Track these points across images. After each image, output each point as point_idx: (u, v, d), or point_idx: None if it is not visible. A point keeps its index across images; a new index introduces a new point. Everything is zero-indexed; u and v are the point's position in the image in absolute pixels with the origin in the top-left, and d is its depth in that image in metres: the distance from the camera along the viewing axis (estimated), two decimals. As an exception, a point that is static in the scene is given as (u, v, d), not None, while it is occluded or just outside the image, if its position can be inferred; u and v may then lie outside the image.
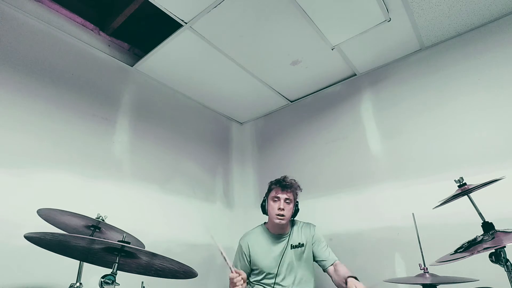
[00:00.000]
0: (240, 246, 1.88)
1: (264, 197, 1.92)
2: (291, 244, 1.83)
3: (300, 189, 1.89)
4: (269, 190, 1.89)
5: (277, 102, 2.91)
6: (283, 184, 1.82)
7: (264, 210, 1.89)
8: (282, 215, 1.77)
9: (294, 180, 1.88)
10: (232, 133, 3.18)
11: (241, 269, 1.79)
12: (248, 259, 1.83)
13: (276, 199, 1.81)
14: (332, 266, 1.79)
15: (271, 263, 1.78)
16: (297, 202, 1.89)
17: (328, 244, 1.90)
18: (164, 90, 2.58)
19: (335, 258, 1.81)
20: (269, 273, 1.78)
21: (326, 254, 1.83)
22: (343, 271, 1.69)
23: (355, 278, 1.57)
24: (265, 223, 1.97)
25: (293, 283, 1.76)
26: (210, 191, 2.70)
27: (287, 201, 1.80)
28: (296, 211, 1.88)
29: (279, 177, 1.88)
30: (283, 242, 1.83)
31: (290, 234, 1.86)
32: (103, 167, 1.99)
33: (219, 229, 2.64)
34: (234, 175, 3.01)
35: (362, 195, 2.24)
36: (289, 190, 1.81)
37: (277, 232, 1.86)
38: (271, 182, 1.90)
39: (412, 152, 2.10)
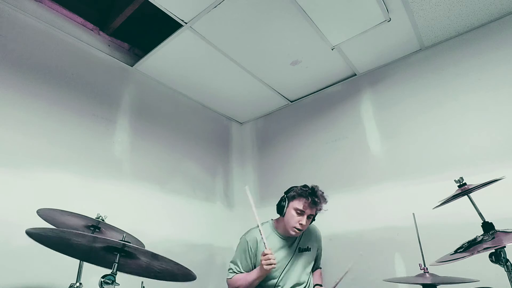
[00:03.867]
0: (245, 243, 1.74)
1: (284, 197, 1.77)
2: (300, 247, 1.80)
3: (326, 202, 1.74)
4: (295, 197, 1.70)
5: (277, 102, 2.91)
6: (315, 201, 1.65)
7: (281, 212, 1.76)
8: (300, 230, 1.68)
9: (323, 193, 1.73)
10: (232, 133, 3.18)
11: (243, 268, 1.71)
12: (254, 258, 1.72)
13: (300, 212, 1.67)
14: (315, 271, 1.91)
15: (280, 264, 1.71)
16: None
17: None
18: (164, 90, 2.58)
19: (320, 265, 1.96)
20: (274, 275, 1.70)
21: (319, 259, 1.94)
22: (316, 278, 1.89)
23: (321, 286, 1.79)
24: (273, 219, 1.89)
25: (297, 285, 1.74)
26: (210, 191, 2.70)
27: (310, 216, 1.69)
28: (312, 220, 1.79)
29: (310, 188, 1.72)
30: (292, 244, 1.79)
31: (299, 237, 1.81)
32: (103, 167, 1.99)
33: (219, 229, 2.64)
34: (234, 175, 3.01)
35: (362, 195, 2.24)
36: (317, 207, 1.68)
37: (287, 234, 1.77)
38: (301, 189, 1.70)
39: (412, 152, 2.10)
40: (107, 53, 2.26)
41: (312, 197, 1.66)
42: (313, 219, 1.79)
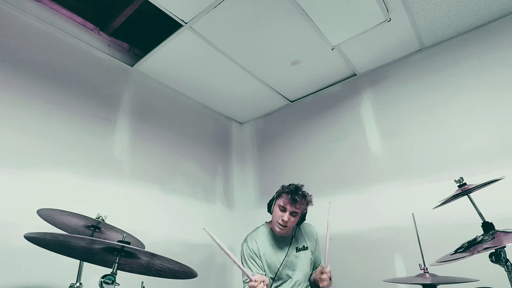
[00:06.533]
0: (247, 248, 1.75)
1: (273, 196, 1.83)
2: (296, 247, 1.80)
3: (311, 204, 1.77)
4: (279, 195, 1.76)
5: (277, 102, 2.91)
6: (294, 198, 1.69)
7: (270, 210, 1.82)
8: (284, 226, 1.70)
9: (307, 194, 1.76)
10: (232, 133, 3.18)
11: (256, 271, 1.68)
12: (261, 260, 1.73)
13: (282, 209, 1.71)
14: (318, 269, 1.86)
15: (276, 263, 1.73)
16: (306, 211, 1.79)
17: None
18: (164, 90, 2.58)
19: (323, 263, 1.89)
20: (272, 273, 1.72)
21: (320, 258, 1.91)
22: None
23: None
24: (267, 222, 1.91)
25: (295, 285, 1.74)
26: (210, 191, 2.70)
27: (293, 214, 1.71)
28: (302, 219, 1.80)
29: (294, 186, 1.76)
30: (286, 243, 1.80)
31: (293, 236, 1.83)
32: (103, 167, 1.99)
33: (219, 229, 2.64)
34: (234, 175, 3.01)
35: (362, 195, 2.24)
36: (298, 206, 1.70)
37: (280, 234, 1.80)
38: (283, 187, 1.78)
39: (412, 152, 2.10)
40: (107, 53, 2.26)
41: (292, 194, 1.70)
42: (303, 219, 1.81)
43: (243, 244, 1.80)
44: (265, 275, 1.70)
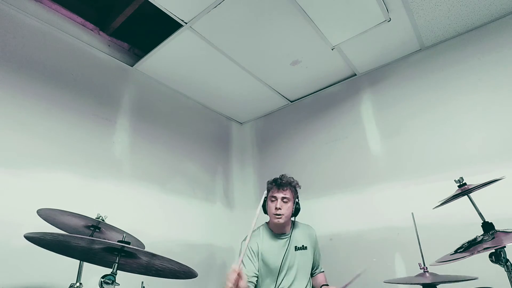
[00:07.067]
0: (247, 247, 1.74)
1: (264, 197, 1.89)
2: (295, 246, 1.82)
3: (299, 186, 1.86)
4: (268, 190, 1.85)
5: (277, 102, 2.91)
6: (279, 183, 1.79)
7: (265, 210, 1.87)
8: (280, 214, 1.75)
9: (292, 178, 1.84)
10: (232, 133, 3.18)
11: (248, 271, 1.68)
12: (257, 259, 1.75)
13: (273, 199, 1.79)
14: (318, 274, 1.91)
15: (276, 262, 1.75)
16: (298, 200, 1.85)
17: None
18: (164, 90, 2.58)
19: (322, 269, 1.95)
20: (274, 272, 1.74)
21: (319, 262, 1.94)
22: (321, 279, 1.89)
23: (327, 285, 1.79)
24: (266, 222, 1.94)
25: (294, 284, 1.75)
26: (210, 191, 2.70)
27: (285, 200, 1.77)
28: (296, 210, 1.84)
29: (277, 176, 1.85)
30: (285, 241, 1.82)
31: (291, 234, 1.85)
32: (103, 167, 1.99)
33: (219, 229, 2.64)
34: (234, 175, 3.01)
35: (362, 195, 2.24)
36: (285, 188, 1.78)
37: (279, 231, 1.84)
38: (268, 181, 1.87)
39: (412, 152, 2.10)
40: (107, 53, 2.26)
41: (276, 181, 1.80)
42: (297, 205, 1.83)
43: (242, 242, 1.81)
44: (258, 276, 1.73)
